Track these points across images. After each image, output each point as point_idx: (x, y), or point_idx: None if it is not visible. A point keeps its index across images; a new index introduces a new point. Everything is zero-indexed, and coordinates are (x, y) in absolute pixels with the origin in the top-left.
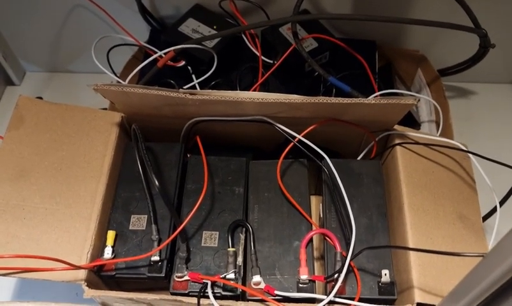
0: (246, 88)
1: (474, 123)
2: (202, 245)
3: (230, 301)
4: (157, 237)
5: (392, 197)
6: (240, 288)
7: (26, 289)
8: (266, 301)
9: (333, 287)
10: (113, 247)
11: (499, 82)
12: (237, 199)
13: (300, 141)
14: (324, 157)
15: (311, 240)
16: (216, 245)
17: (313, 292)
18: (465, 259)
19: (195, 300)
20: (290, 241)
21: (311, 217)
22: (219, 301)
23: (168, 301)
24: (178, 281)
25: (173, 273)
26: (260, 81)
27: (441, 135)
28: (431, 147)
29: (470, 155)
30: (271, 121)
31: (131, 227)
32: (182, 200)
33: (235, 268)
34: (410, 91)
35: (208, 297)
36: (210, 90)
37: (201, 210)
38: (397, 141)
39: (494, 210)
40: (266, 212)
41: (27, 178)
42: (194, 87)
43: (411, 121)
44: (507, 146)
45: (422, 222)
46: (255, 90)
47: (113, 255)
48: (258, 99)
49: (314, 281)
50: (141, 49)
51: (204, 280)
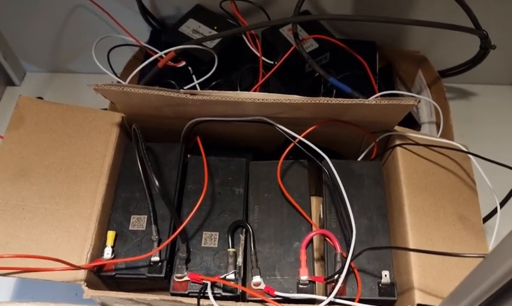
0: (247, 88)
1: (474, 124)
2: (202, 245)
3: (230, 301)
4: (157, 237)
5: (393, 198)
6: (240, 289)
7: (26, 289)
8: (266, 302)
9: (333, 288)
10: (113, 247)
11: (500, 83)
12: (237, 200)
13: (300, 142)
14: (324, 158)
15: (311, 241)
16: (216, 246)
17: (313, 293)
18: (465, 260)
19: (194, 301)
20: (290, 242)
21: (311, 218)
22: (219, 302)
23: (168, 301)
24: (178, 281)
25: (173, 273)
26: (260, 81)
27: (441, 136)
28: (432, 148)
29: (470, 156)
30: (271, 121)
31: (131, 228)
32: (183, 200)
33: (235, 269)
34: (410, 92)
35: (208, 298)
36: (211, 91)
37: (201, 211)
38: (397, 142)
39: (494, 211)
40: (266, 213)
41: (27, 178)
42: (194, 88)
43: (411, 122)
44: (507, 148)
45: (423, 223)
46: (255, 91)
47: (113, 256)
48: (258, 100)
49: (314, 282)
50: (141, 49)
51: (204, 281)
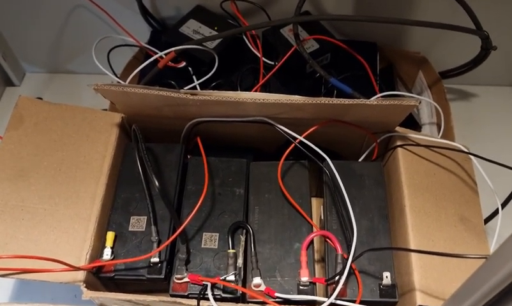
0: (247, 89)
1: (475, 125)
2: (202, 246)
3: (230, 303)
4: (156, 238)
5: (394, 199)
6: (240, 290)
7: (24, 290)
8: (266, 304)
9: (334, 290)
10: (112, 248)
11: (500, 84)
12: (238, 201)
13: (301, 142)
14: (325, 159)
15: (311, 242)
16: (216, 247)
17: (314, 295)
18: (467, 261)
19: (194, 302)
20: (291, 243)
21: (312, 219)
22: (220, 303)
23: (167, 303)
24: (177, 283)
25: (173, 274)
26: (261, 82)
27: (442, 137)
28: (433, 149)
29: (471, 157)
30: (272, 122)
31: (130, 229)
32: (183, 201)
33: (235, 270)
34: (411, 93)
35: (208, 299)
36: (212, 91)
37: (201, 211)
38: (398, 142)
39: (496, 212)
40: (267, 214)
41: (26, 179)
42: (195, 88)
43: (412, 123)
44: (508, 148)
45: (424, 224)
46: (256, 91)
47: (113, 257)
48: (259, 100)
49: (315, 283)
50: (141, 50)
51: (204, 282)
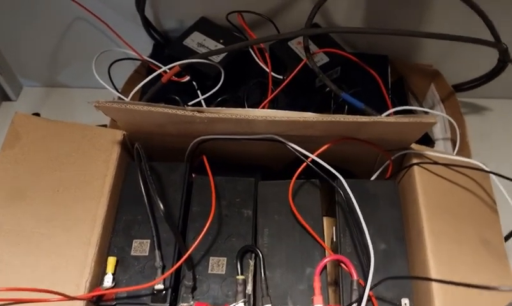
0: (254, 104)
1: (489, 141)
2: (209, 272)
3: None
4: (161, 264)
5: (410, 220)
6: None
7: None
8: None
9: None
10: (113, 274)
11: None
12: (246, 223)
13: (312, 161)
14: (338, 177)
15: (325, 267)
16: (224, 272)
17: None
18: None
19: None
20: (303, 267)
21: (323, 240)
22: None
23: None
24: None
25: (178, 303)
26: (269, 97)
27: (458, 153)
28: (450, 167)
29: (491, 175)
30: (283, 140)
31: (133, 253)
32: (188, 224)
33: (245, 298)
34: (422, 107)
35: None
36: (219, 108)
37: (208, 235)
38: (414, 160)
39: None
40: (277, 236)
41: (22, 200)
42: (199, 103)
43: (425, 138)
44: None
45: (444, 248)
46: (263, 107)
47: (114, 284)
48: (270, 117)
49: None
50: (143, 64)
51: None
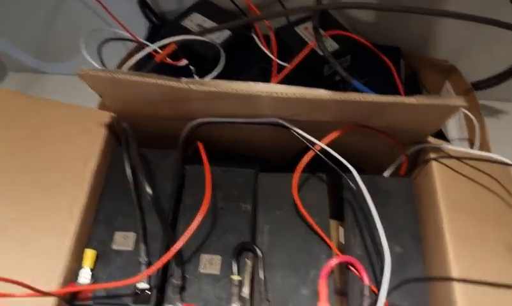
0: None
1: (508, 146)
2: (201, 271)
3: None
4: (146, 260)
5: (427, 220)
6: None
7: None
8: None
9: None
10: (92, 269)
11: None
12: (244, 218)
13: (320, 151)
14: (348, 171)
15: (332, 270)
16: (218, 272)
17: None
18: None
19: None
20: (307, 269)
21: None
22: None
23: None
24: None
25: (164, 305)
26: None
27: None
28: (471, 165)
29: None
30: (288, 125)
31: (115, 247)
32: (178, 216)
33: (240, 301)
34: None
35: None
36: (219, 80)
37: (200, 229)
38: (432, 155)
39: None
40: (278, 234)
41: None
42: None
43: (439, 139)
44: None
45: (467, 251)
46: None
47: (92, 281)
48: (276, 94)
49: None
50: (138, 47)
51: None
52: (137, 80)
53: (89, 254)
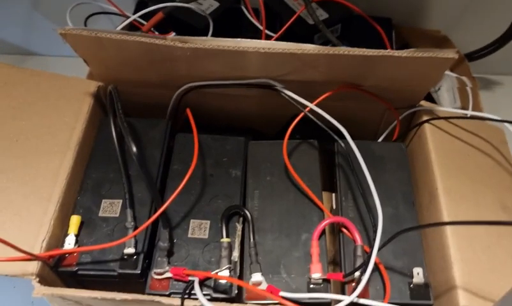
0: None
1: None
2: (189, 236)
3: (222, 303)
4: (132, 224)
5: (421, 183)
6: (237, 283)
7: None
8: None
9: (354, 289)
10: (76, 236)
11: None
12: (234, 183)
13: (311, 113)
14: (339, 136)
15: (323, 232)
16: (207, 237)
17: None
18: None
19: (177, 301)
20: (298, 232)
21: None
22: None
23: (143, 302)
24: (157, 279)
25: (152, 269)
26: None
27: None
28: (465, 128)
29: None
30: (277, 85)
31: (101, 214)
32: (167, 183)
33: (230, 264)
34: None
35: (194, 298)
36: (205, 37)
37: (189, 194)
38: (425, 117)
39: None
40: (268, 199)
41: None
42: None
43: None
44: None
45: (461, 209)
46: None
47: (77, 246)
48: (264, 49)
49: (329, 281)
50: (127, 24)
51: (190, 278)
52: (121, 38)
53: (74, 220)
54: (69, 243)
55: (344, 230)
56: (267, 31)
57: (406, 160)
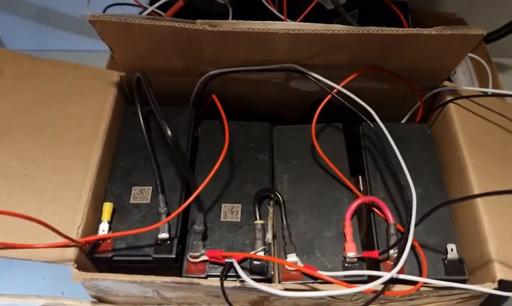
0: None
1: None
2: (222, 219)
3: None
4: (165, 209)
5: (448, 162)
6: (277, 262)
7: None
8: (309, 283)
9: (394, 265)
10: (109, 223)
11: None
12: (262, 168)
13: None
14: (364, 119)
15: (355, 212)
16: (239, 220)
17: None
18: None
19: (216, 282)
20: (329, 214)
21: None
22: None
23: (181, 285)
24: (193, 262)
25: (187, 253)
26: None
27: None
28: (488, 107)
29: None
30: (303, 69)
31: (132, 201)
32: (195, 170)
33: (264, 246)
34: None
35: (232, 280)
36: (234, 21)
37: (219, 180)
38: (449, 97)
39: None
40: (297, 182)
41: (4, 140)
42: None
43: None
44: None
45: (491, 185)
46: None
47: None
48: (293, 30)
49: (364, 259)
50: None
51: (227, 260)
52: (151, 23)
53: (107, 207)
54: (103, 230)
55: (375, 210)
56: (287, 20)
57: (431, 141)
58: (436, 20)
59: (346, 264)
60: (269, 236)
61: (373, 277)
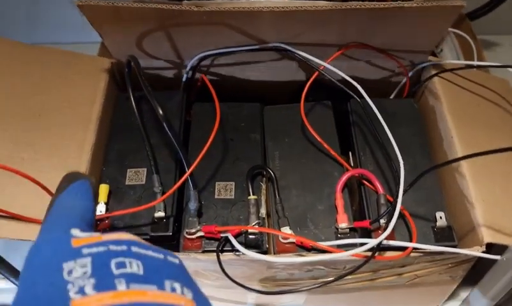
0: None
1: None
2: (216, 197)
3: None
4: (160, 188)
5: (436, 135)
6: (272, 232)
7: None
8: (303, 255)
9: (383, 232)
10: (106, 204)
11: None
12: (254, 146)
13: (323, 75)
14: (351, 96)
15: (346, 185)
16: (233, 197)
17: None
18: None
19: (213, 256)
20: (321, 188)
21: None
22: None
23: None
24: (189, 238)
25: (183, 229)
26: None
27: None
28: (473, 80)
29: None
30: (290, 48)
31: (127, 182)
32: (189, 150)
33: (259, 220)
34: None
35: (228, 254)
36: (220, 1)
37: (212, 159)
38: (433, 71)
39: None
40: (289, 159)
41: None
42: None
43: None
44: None
45: (479, 158)
46: None
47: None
48: (277, 8)
49: (356, 229)
50: None
51: (222, 234)
52: (138, 6)
53: (103, 189)
54: (101, 211)
55: (365, 182)
56: None
57: (418, 115)
58: None
59: (338, 235)
60: (263, 211)
61: (365, 244)
